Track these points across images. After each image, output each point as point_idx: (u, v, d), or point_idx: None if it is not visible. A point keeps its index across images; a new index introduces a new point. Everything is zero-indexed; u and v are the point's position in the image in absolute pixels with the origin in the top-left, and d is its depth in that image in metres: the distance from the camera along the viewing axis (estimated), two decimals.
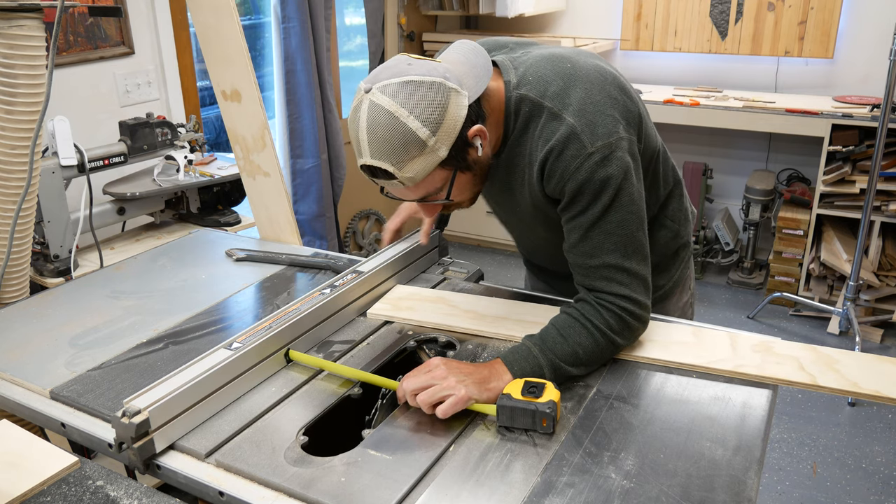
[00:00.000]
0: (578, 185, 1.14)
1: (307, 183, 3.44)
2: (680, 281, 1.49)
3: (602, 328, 1.17)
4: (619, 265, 1.17)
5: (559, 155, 1.14)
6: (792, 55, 3.61)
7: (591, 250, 1.17)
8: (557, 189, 1.17)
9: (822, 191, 3.32)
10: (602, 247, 1.16)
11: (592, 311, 1.18)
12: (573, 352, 1.15)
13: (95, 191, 2.10)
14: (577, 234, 1.18)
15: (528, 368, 1.13)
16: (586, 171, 1.13)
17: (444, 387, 1.06)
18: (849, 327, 3.25)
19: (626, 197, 1.15)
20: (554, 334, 1.17)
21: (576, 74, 1.17)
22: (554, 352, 1.14)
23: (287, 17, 3.15)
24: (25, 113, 1.52)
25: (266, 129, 1.80)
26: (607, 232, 1.16)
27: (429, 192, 1.15)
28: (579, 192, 1.15)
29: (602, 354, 1.18)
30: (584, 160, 1.13)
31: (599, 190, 1.14)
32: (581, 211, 1.16)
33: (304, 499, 0.92)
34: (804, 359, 1.18)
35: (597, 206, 1.15)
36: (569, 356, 1.15)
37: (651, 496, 0.90)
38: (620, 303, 1.17)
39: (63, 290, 1.61)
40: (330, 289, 1.36)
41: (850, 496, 2.36)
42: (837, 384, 1.12)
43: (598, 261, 1.17)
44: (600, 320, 1.17)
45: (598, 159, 1.13)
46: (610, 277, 1.17)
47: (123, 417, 0.97)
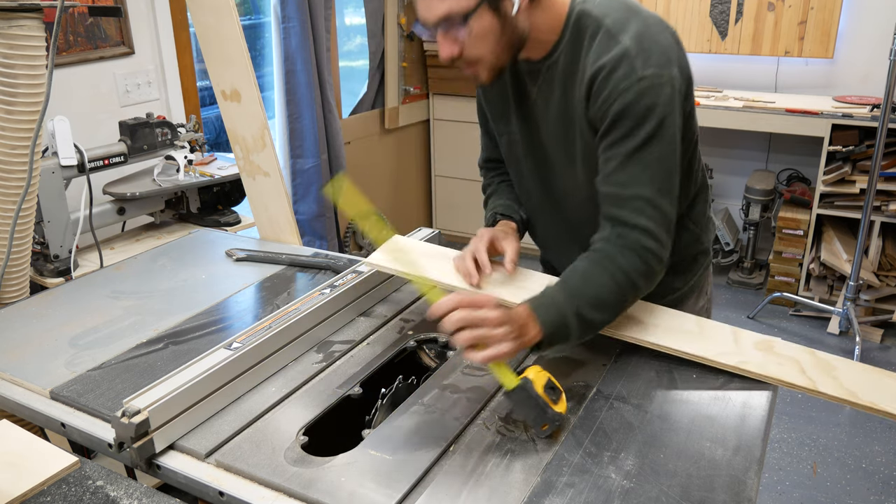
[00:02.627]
0: (623, 107, 1.13)
1: (307, 183, 3.44)
2: (697, 286, 1.47)
3: (625, 268, 1.15)
4: (652, 200, 1.16)
5: (609, 74, 1.13)
6: (792, 55, 3.61)
7: (626, 180, 1.16)
8: (602, 110, 1.16)
9: (822, 191, 3.32)
10: (639, 178, 1.15)
11: (615, 251, 1.16)
12: (596, 296, 1.13)
13: (95, 191, 2.10)
14: (614, 163, 1.16)
15: (554, 316, 1.11)
16: (633, 94, 1.12)
17: (493, 336, 1.02)
18: (849, 327, 3.25)
19: (669, 133, 1.15)
20: (575, 278, 1.15)
21: (641, 12, 1.18)
22: (578, 297, 1.12)
23: (287, 17, 3.15)
24: (25, 113, 1.52)
25: (266, 129, 1.80)
26: (646, 164, 1.15)
27: (452, 10, 1.12)
28: (623, 115, 1.14)
29: (623, 298, 1.17)
30: (633, 83, 1.12)
31: (644, 117, 1.13)
32: (622, 137, 1.15)
33: (304, 499, 0.92)
34: (805, 362, 1.17)
35: (639, 134, 1.14)
36: (592, 300, 1.13)
37: (651, 496, 0.90)
38: (644, 241, 1.15)
39: (63, 290, 1.61)
40: (330, 289, 1.36)
41: (850, 496, 2.36)
42: (836, 392, 1.10)
43: (631, 191, 1.16)
44: (623, 261, 1.15)
45: (647, 85, 1.12)
46: (640, 210, 1.16)
47: (123, 417, 0.97)
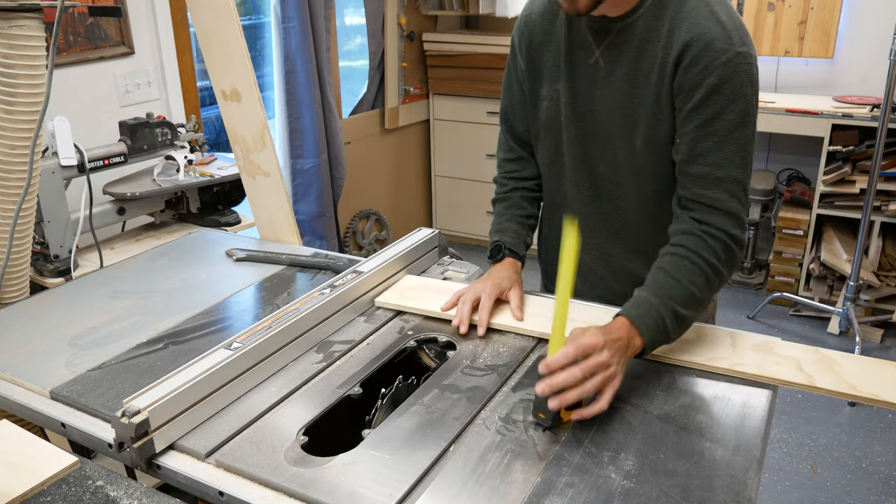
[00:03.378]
0: (721, 81, 1.11)
1: (307, 183, 3.44)
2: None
3: (712, 261, 1.14)
4: (745, 183, 1.16)
5: (708, 44, 1.11)
6: (792, 55, 3.61)
7: (721, 161, 1.14)
8: (696, 80, 1.12)
9: (822, 191, 3.32)
10: (734, 159, 1.14)
11: (699, 244, 1.14)
12: (689, 293, 1.12)
13: (95, 191, 2.10)
14: (710, 142, 1.14)
15: (652, 323, 1.10)
16: (732, 69, 1.10)
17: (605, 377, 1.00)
18: (849, 327, 3.25)
19: (756, 113, 1.15)
20: (666, 279, 1.14)
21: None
22: (671, 298, 1.11)
23: (287, 17, 3.15)
24: (25, 113, 1.52)
25: (266, 129, 1.80)
26: (741, 145, 1.14)
27: None
28: (719, 89, 1.11)
29: (712, 290, 1.16)
30: (732, 56, 1.10)
31: (739, 94, 1.12)
32: (716, 114, 1.13)
33: (304, 499, 0.92)
34: (804, 360, 1.18)
35: (733, 112, 1.12)
36: (685, 299, 1.12)
37: (651, 496, 0.90)
38: (730, 228, 1.15)
39: (63, 290, 1.61)
40: (330, 289, 1.36)
41: (850, 496, 2.36)
42: (835, 386, 1.11)
43: (725, 172, 1.15)
44: (709, 253, 1.14)
45: (744, 62, 1.11)
46: (734, 193, 1.15)
47: (123, 417, 0.97)
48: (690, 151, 1.17)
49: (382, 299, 1.44)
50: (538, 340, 1.29)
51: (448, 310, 1.36)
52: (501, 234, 1.45)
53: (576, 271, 1.23)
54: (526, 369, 1.20)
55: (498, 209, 1.50)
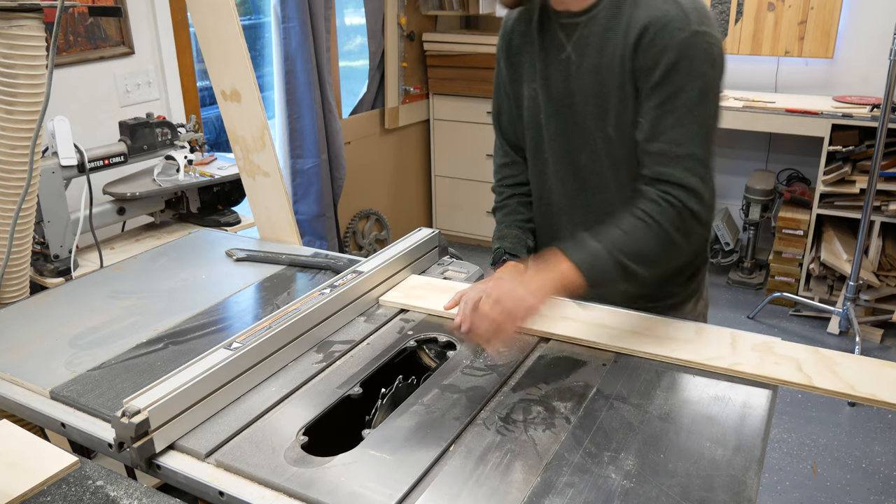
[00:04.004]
0: (678, 59, 1.13)
1: (307, 183, 3.44)
2: (694, 293, 1.47)
3: (665, 225, 1.16)
4: (705, 160, 1.17)
5: (664, 25, 1.13)
6: (792, 55, 3.61)
7: (681, 138, 1.16)
8: (654, 59, 1.14)
9: (822, 191, 3.32)
10: (694, 137, 1.16)
11: (655, 208, 1.17)
12: (636, 248, 1.15)
13: (95, 191, 2.10)
14: (670, 119, 1.16)
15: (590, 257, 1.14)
16: (688, 47, 1.12)
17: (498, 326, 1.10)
18: (849, 327, 3.25)
19: (718, 93, 1.16)
20: (615, 231, 1.17)
21: None
22: (617, 246, 1.15)
23: (287, 17, 3.15)
24: (25, 113, 1.52)
25: (266, 129, 1.80)
26: (701, 122, 1.15)
27: None
28: (676, 67, 1.13)
29: (663, 254, 1.18)
30: (689, 35, 1.12)
31: (696, 72, 1.13)
32: (676, 91, 1.14)
33: (304, 499, 0.92)
34: (804, 360, 1.18)
35: (692, 90, 1.14)
36: (633, 253, 1.15)
37: (651, 496, 0.90)
38: (689, 202, 1.16)
39: (63, 290, 1.61)
40: (330, 289, 1.36)
41: (850, 496, 2.36)
42: (834, 386, 1.11)
43: (685, 150, 1.16)
44: (664, 218, 1.16)
45: (702, 41, 1.12)
46: (692, 169, 1.17)
47: (123, 417, 0.97)
48: (651, 130, 1.19)
49: (387, 298, 1.44)
50: (539, 339, 1.29)
51: (451, 308, 1.36)
52: (502, 241, 1.47)
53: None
54: (526, 369, 1.20)
55: (498, 217, 1.53)
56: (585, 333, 1.27)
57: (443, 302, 1.38)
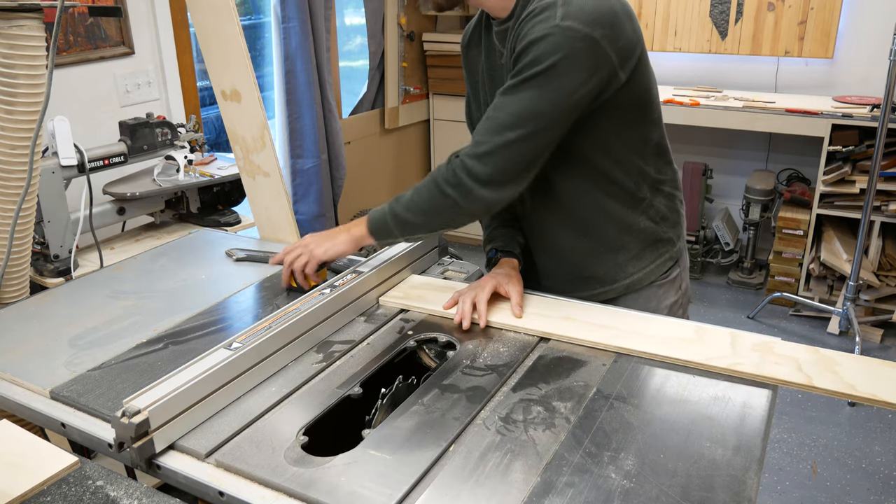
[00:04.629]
0: (526, 46, 1.18)
1: (307, 183, 3.44)
2: (656, 277, 1.45)
3: (439, 180, 1.27)
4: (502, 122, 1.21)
5: (529, 19, 1.19)
6: (792, 55, 3.61)
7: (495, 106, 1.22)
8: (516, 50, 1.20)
9: (822, 191, 3.32)
10: (508, 107, 1.20)
11: (442, 167, 1.29)
12: (410, 199, 1.31)
13: (95, 191, 2.10)
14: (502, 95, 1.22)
15: (378, 215, 1.36)
16: (539, 37, 1.16)
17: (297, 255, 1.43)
18: (849, 327, 3.25)
19: (560, 83, 1.16)
20: (409, 191, 1.33)
21: None
22: (397, 201, 1.33)
23: (287, 17, 3.16)
24: (25, 113, 1.52)
25: (266, 129, 1.80)
26: (519, 97, 1.19)
27: None
28: (523, 53, 1.18)
29: (441, 212, 1.30)
30: (546, 28, 1.16)
31: (538, 59, 1.16)
32: (514, 73, 1.20)
33: (304, 499, 0.92)
34: (804, 360, 1.18)
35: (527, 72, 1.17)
36: (406, 203, 1.32)
37: (651, 496, 0.90)
38: (466, 161, 1.24)
39: (63, 290, 1.61)
40: (330, 289, 1.36)
41: (850, 496, 2.36)
42: (834, 386, 1.11)
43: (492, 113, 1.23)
44: (440, 173, 1.28)
45: (558, 34, 1.14)
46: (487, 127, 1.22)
47: (123, 417, 0.97)
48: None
49: (387, 298, 1.44)
50: (539, 339, 1.29)
51: (449, 308, 1.37)
52: (493, 242, 1.51)
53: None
54: (526, 369, 1.20)
55: (485, 222, 1.56)
56: (585, 333, 1.27)
57: (442, 302, 1.39)
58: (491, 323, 1.33)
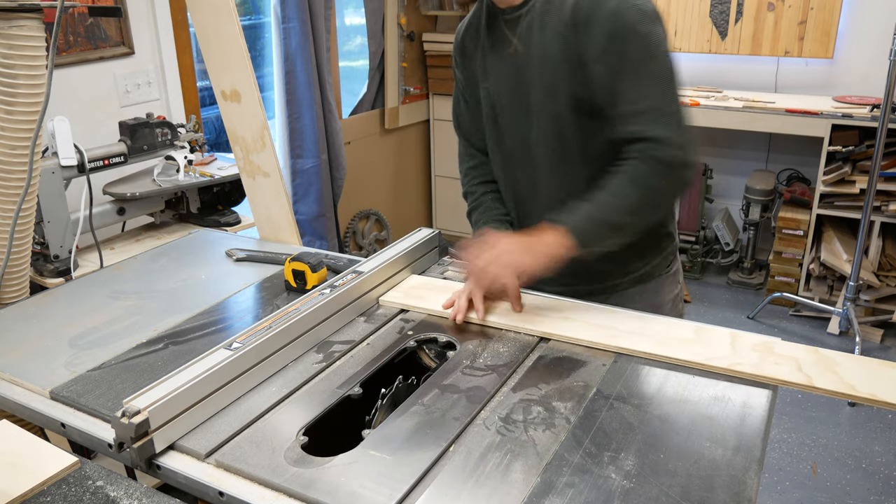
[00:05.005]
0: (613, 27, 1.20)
1: (307, 183, 3.44)
2: (661, 271, 1.49)
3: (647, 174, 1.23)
4: (665, 109, 1.24)
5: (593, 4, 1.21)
6: (792, 55, 3.61)
7: (636, 97, 1.23)
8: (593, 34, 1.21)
9: (822, 191, 3.32)
10: (649, 92, 1.22)
11: (631, 163, 1.24)
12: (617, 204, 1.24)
13: (95, 191, 2.10)
14: (622, 83, 1.22)
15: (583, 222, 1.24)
16: (620, 13, 1.20)
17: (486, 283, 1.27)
18: (849, 327, 3.25)
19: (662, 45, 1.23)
20: (598, 192, 1.25)
21: None
22: (600, 203, 1.24)
23: (287, 18, 3.15)
24: (25, 113, 1.52)
25: (266, 129, 1.80)
26: (652, 77, 1.23)
27: None
28: (613, 35, 1.20)
29: (652, 205, 1.28)
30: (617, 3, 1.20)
31: (633, 33, 1.20)
32: (619, 56, 1.21)
33: (304, 499, 0.92)
34: (804, 360, 1.18)
35: (633, 50, 1.21)
36: (615, 206, 1.24)
37: (651, 496, 0.90)
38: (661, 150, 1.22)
39: (63, 290, 1.61)
40: (330, 289, 1.36)
41: (850, 496, 2.36)
42: (834, 386, 1.11)
43: (642, 105, 1.23)
44: (644, 168, 1.23)
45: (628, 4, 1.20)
46: (655, 119, 1.23)
47: (123, 417, 0.97)
48: (609, 97, 1.26)
49: (387, 298, 1.44)
50: (539, 339, 1.29)
51: (448, 307, 1.39)
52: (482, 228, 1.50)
53: None
54: (526, 369, 1.20)
55: (474, 218, 1.56)
56: (585, 333, 1.27)
57: (442, 302, 1.39)
58: (490, 323, 1.33)
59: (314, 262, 1.50)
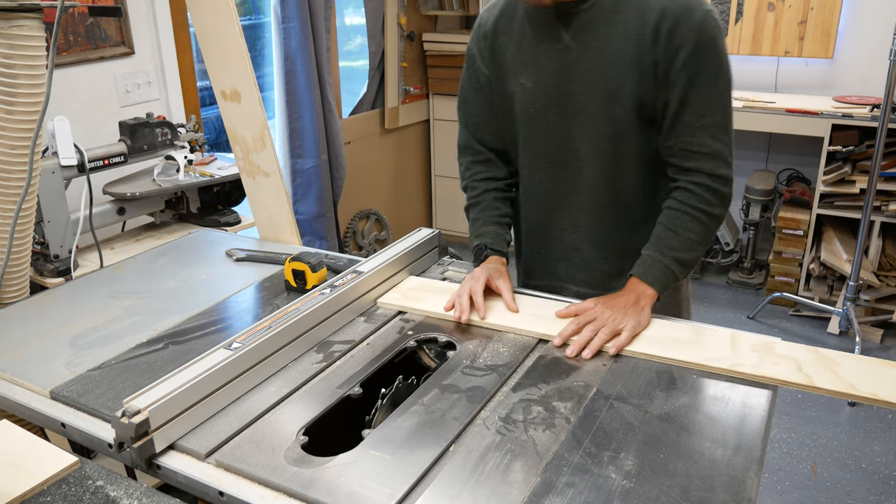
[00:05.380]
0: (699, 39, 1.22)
1: (307, 183, 3.44)
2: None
3: (701, 206, 1.29)
4: (725, 125, 1.28)
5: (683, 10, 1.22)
6: (792, 55, 3.61)
7: (704, 109, 1.26)
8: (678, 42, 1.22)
9: (822, 191, 3.32)
10: (715, 106, 1.26)
11: (688, 196, 1.30)
12: (687, 239, 1.30)
13: (95, 191, 2.10)
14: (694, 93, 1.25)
15: (660, 274, 1.30)
16: (706, 26, 1.22)
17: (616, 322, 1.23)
18: (849, 327, 3.25)
19: (728, 64, 1.28)
20: (664, 232, 1.31)
21: None
22: (672, 248, 1.30)
23: (287, 18, 3.15)
24: (25, 113, 1.52)
25: (266, 129, 1.80)
26: (720, 92, 1.27)
27: None
28: (698, 47, 1.23)
29: (709, 231, 1.33)
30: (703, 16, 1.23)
31: (713, 47, 1.24)
32: (699, 68, 1.24)
33: (304, 499, 0.92)
34: (804, 360, 1.18)
35: (711, 64, 1.24)
36: (686, 245, 1.30)
37: (651, 496, 0.90)
38: (713, 169, 1.28)
39: (63, 290, 1.61)
40: (330, 289, 1.36)
41: (850, 496, 2.36)
42: (834, 386, 1.11)
43: (709, 119, 1.26)
44: (698, 200, 1.29)
45: (712, 18, 1.24)
46: (715, 135, 1.28)
47: (123, 417, 0.97)
48: (679, 104, 1.27)
49: (385, 299, 1.44)
50: (539, 340, 1.29)
51: (450, 309, 1.38)
52: (481, 238, 1.49)
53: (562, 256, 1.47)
54: (526, 369, 1.20)
55: (473, 214, 1.53)
56: None
57: (440, 303, 1.39)
58: (490, 325, 1.33)
59: (314, 262, 1.50)
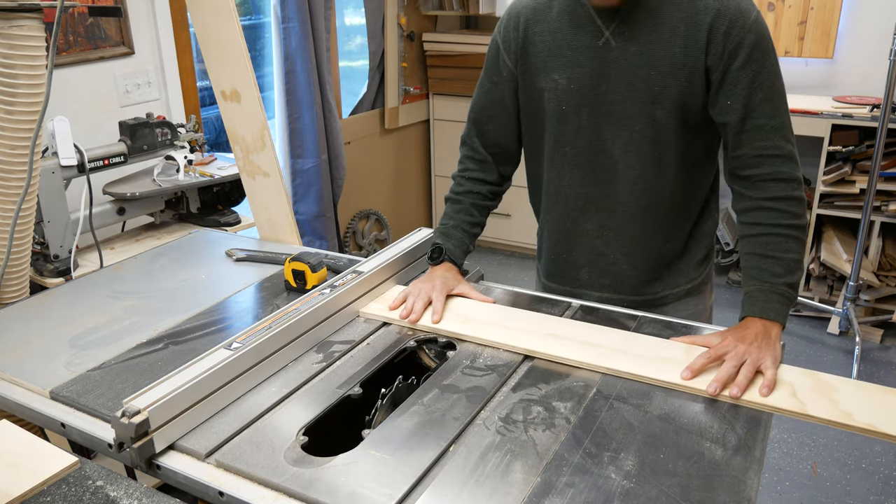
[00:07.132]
0: (756, 39, 1.21)
1: (307, 183, 3.44)
2: (707, 280, 1.50)
3: (790, 222, 1.24)
4: (790, 125, 1.27)
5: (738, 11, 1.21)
6: (792, 55, 3.61)
7: (772, 111, 1.25)
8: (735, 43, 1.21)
9: (822, 191, 3.32)
10: (780, 106, 1.26)
11: (773, 215, 1.25)
12: (790, 261, 1.23)
13: (95, 191, 2.10)
14: (759, 95, 1.23)
15: (779, 305, 1.22)
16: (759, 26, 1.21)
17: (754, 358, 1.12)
18: (849, 327, 3.25)
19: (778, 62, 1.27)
20: (763, 261, 1.24)
21: None
22: (777, 275, 1.22)
23: (287, 18, 3.15)
24: (25, 113, 1.52)
25: (266, 129, 1.80)
26: (781, 93, 1.27)
27: None
28: (756, 47, 1.21)
29: (803, 241, 1.27)
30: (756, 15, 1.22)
31: (769, 48, 1.23)
32: (759, 69, 1.22)
33: (304, 499, 0.92)
34: (799, 384, 1.12)
35: (769, 64, 1.24)
36: (790, 267, 1.23)
37: (651, 496, 0.90)
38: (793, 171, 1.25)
39: (63, 290, 1.61)
40: (330, 289, 1.36)
41: (850, 496, 2.36)
42: (829, 414, 1.05)
43: (778, 120, 1.25)
44: (785, 217, 1.24)
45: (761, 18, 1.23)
46: (787, 136, 1.26)
47: (123, 417, 0.97)
48: (745, 109, 1.24)
49: (367, 310, 1.40)
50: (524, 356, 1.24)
51: (396, 308, 1.37)
52: (445, 239, 1.47)
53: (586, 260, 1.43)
54: (526, 369, 1.20)
55: (448, 209, 1.51)
56: (569, 352, 1.21)
57: (426, 315, 1.35)
58: (472, 338, 1.29)
59: (314, 262, 1.50)
